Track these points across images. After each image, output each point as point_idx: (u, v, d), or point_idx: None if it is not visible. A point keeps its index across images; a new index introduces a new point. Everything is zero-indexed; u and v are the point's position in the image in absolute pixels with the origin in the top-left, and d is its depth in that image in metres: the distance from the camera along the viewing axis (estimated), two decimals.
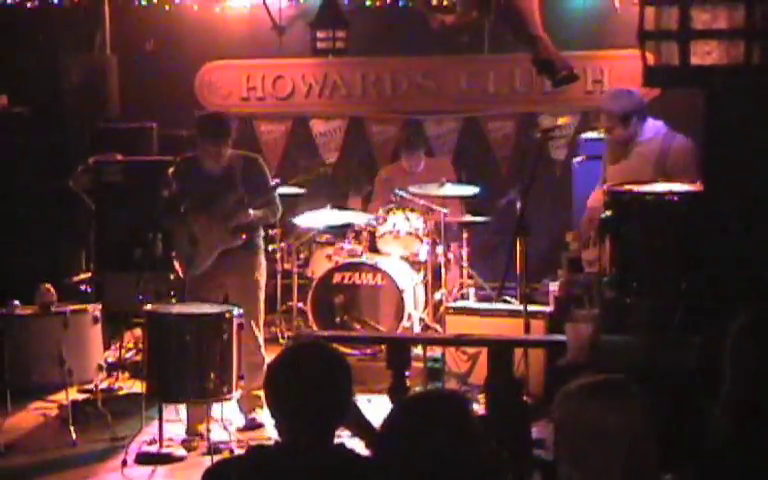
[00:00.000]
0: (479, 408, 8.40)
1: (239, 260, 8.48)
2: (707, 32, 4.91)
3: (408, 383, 7.19)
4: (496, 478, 3.77)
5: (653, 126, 7.99)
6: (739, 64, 4.83)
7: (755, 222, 5.35)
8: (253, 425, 8.49)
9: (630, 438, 3.31)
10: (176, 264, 8.62)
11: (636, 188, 6.66)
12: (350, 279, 10.24)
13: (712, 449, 3.92)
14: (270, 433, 8.02)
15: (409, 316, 10.04)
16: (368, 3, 11.80)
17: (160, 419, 7.86)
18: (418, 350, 9.02)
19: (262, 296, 8.66)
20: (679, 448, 4.72)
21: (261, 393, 8.09)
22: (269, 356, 8.05)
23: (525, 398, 7.58)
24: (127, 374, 9.94)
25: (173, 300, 8.89)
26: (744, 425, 3.87)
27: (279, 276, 10.82)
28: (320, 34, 11.04)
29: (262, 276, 8.67)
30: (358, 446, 4.14)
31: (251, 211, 8.40)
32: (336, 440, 3.86)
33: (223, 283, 8.42)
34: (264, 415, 8.34)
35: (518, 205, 9.33)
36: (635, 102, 8.01)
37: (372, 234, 10.55)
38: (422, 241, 10.37)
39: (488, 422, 6.66)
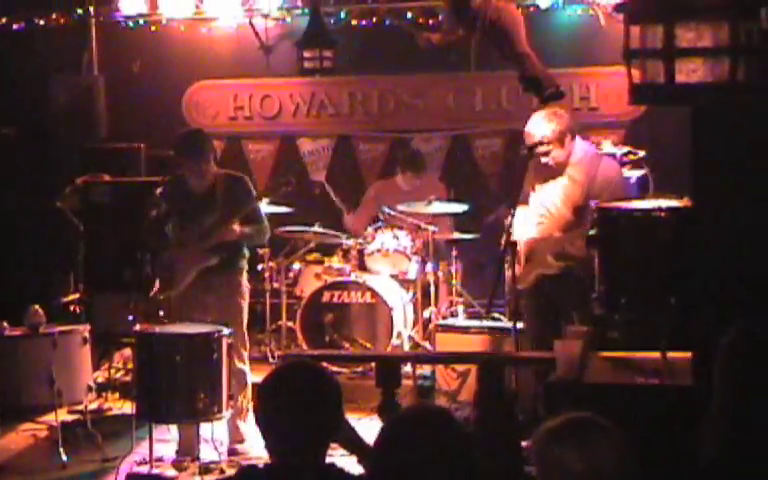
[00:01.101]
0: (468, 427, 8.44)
1: (221, 282, 8.41)
2: (692, 50, 4.93)
3: (398, 401, 7.20)
4: None
5: (582, 147, 7.97)
6: (724, 81, 4.85)
7: (744, 238, 5.37)
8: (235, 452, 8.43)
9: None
10: (156, 284, 8.60)
11: (624, 204, 6.68)
12: (339, 298, 10.25)
13: (703, 464, 3.93)
14: (257, 453, 8.03)
15: (398, 334, 10.05)
16: (354, 22, 11.83)
17: (150, 440, 7.84)
18: (408, 368, 9.05)
19: (244, 319, 8.55)
20: (669, 464, 4.73)
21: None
22: (259, 376, 8.06)
23: (516, 414, 7.59)
24: (117, 394, 9.94)
25: (165, 320, 8.91)
26: (734, 440, 3.89)
27: (268, 295, 10.80)
28: (307, 53, 11.07)
29: (244, 299, 8.55)
30: (351, 464, 4.14)
31: (236, 227, 8.31)
32: (328, 459, 3.87)
33: (205, 305, 8.35)
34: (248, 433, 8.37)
35: (506, 221, 9.34)
36: (567, 121, 7.96)
37: (361, 252, 10.56)
38: (411, 259, 10.38)
39: (478, 439, 6.67)
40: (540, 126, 7.87)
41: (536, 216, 7.94)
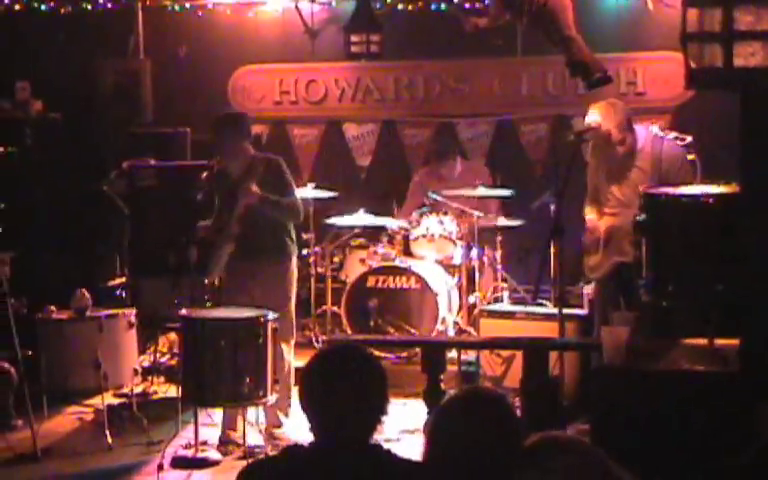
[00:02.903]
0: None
1: (269, 269, 8.40)
2: (750, 33, 4.86)
3: (443, 386, 7.19)
4: None
5: (641, 134, 8.11)
6: None
7: None
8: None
9: None
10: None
11: (671, 190, 6.63)
12: (384, 283, 10.23)
13: (758, 451, 3.89)
14: (295, 438, 8.02)
15: (443, 319, 10.02)
16: (400, 7, 11.79)
17: (195, 423, 7.88)
18: (452, 353, 9.03)
19: (292, 306, 8.55)
20: (721, 451, 4.69)
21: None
22: (303, 361, 8.04)
23: (560, 401, 7.56)
24: (162, 378, 9.98)
25: (207, 304, 8.93)
26: None
27: (313, 280, 10.81)
28: (354, 38, 11.04)
29: (292, 286, 8.55)
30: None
31: (254, 187, 8.12)
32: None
33: (252, 291, 8.31)
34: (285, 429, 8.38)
35: (552, 208, 9.30)
36: (626, 109, 8.13)
37: (406, 237, 10.54)
38: (456, 244, 10.35)
39: (523, 424, 6.64)
40: (611, 116, 7.95)
41: (610, 208, 8.00)
